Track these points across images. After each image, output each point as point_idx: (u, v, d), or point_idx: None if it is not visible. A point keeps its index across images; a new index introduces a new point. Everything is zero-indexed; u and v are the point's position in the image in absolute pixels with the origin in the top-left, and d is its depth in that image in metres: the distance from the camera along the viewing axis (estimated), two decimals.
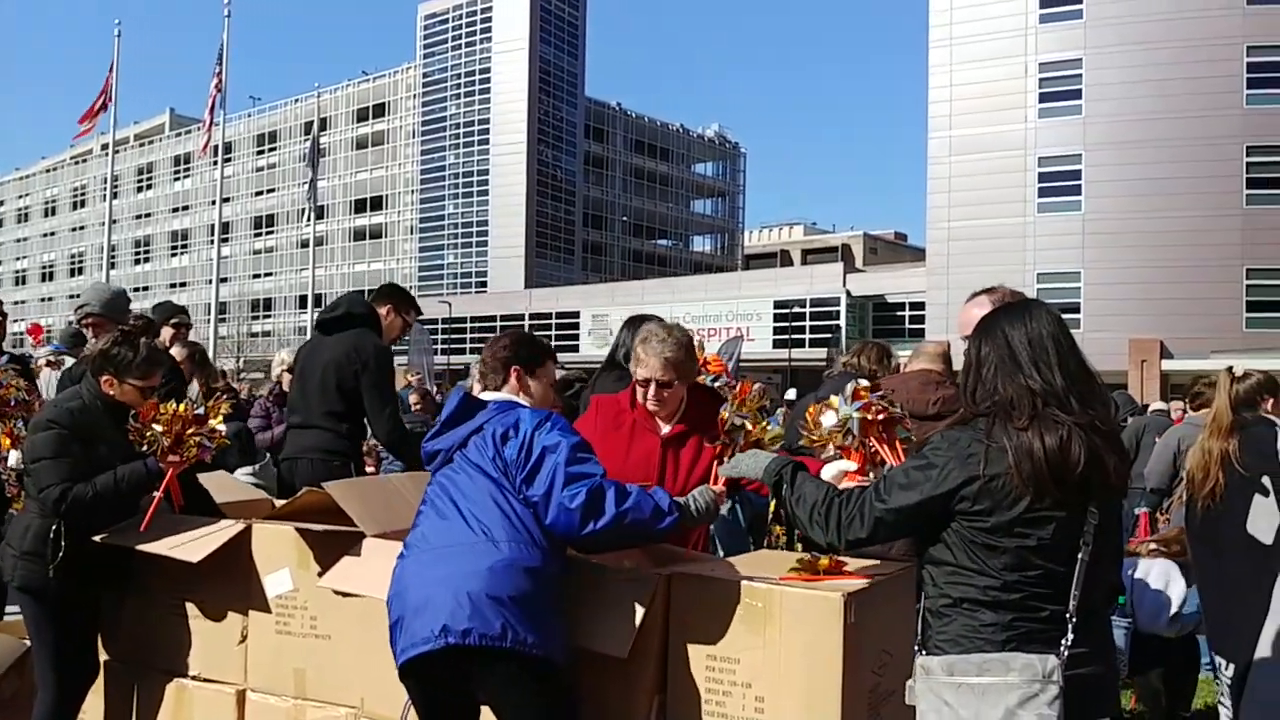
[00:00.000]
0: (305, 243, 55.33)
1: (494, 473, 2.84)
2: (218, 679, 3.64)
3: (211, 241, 49.54)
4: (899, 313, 44.43)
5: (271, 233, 73.79)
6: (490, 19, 64.64)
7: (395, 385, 5.13)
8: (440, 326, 48.01)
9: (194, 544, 3.53)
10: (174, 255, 78.56)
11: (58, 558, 3.60)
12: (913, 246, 76.13)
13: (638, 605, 2.81)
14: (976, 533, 2.23)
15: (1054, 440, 2.18)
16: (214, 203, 43.65)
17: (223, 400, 3.94)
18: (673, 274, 65.60)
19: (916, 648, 2.36)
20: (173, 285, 73.92)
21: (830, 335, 41.96)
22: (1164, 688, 5.31)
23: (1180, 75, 35.42)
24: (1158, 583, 5.02)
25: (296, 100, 72.56)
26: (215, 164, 41.18)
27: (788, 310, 42.93)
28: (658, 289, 51.43)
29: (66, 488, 3.57)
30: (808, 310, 44.32)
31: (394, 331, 5.21)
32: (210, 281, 40.44)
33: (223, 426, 3.79)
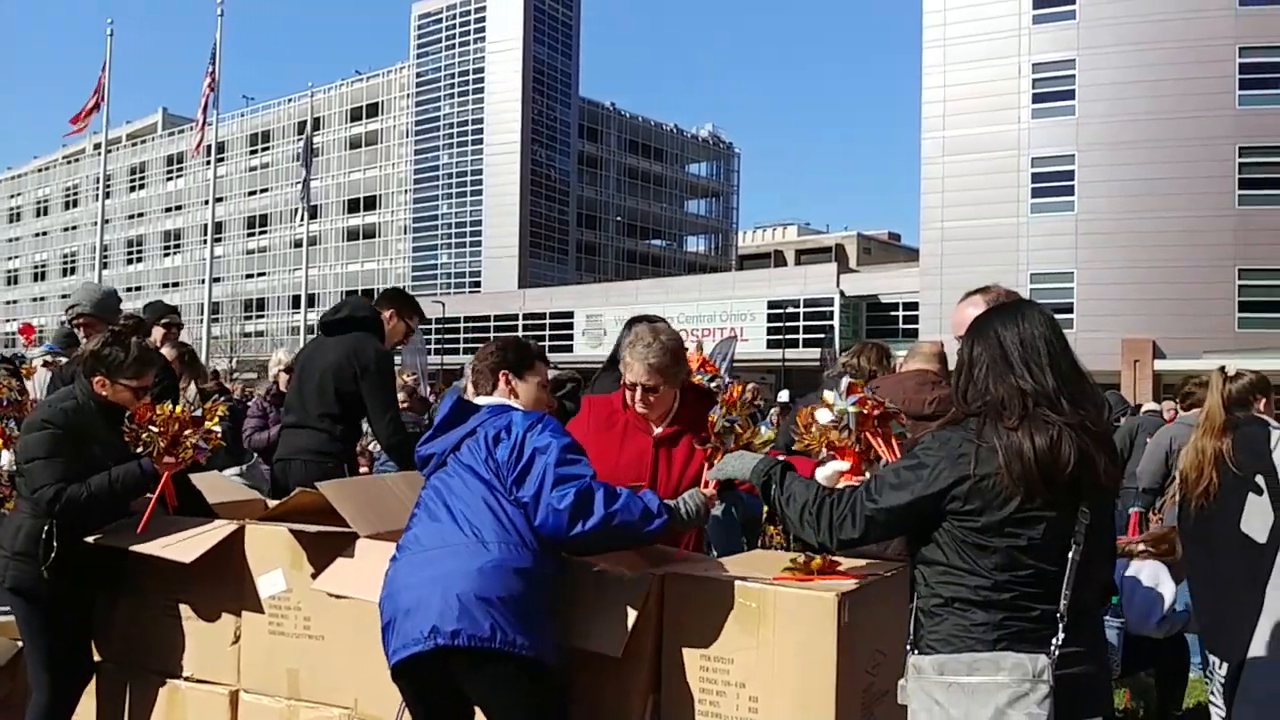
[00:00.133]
0: (298, 242, 55.29)
1: (486, 474, 2.84)
2: (211, 680, 3.63)
3: (204, 241, 49.35)
4: (892, 313, 44.49)
5: (265, 232, 73.63)
6: (484, 18, 64.54)
7: (396, 389, 5.14)
8: (434, 326, 47.92)
9: (187, 545, 3.52)
10: (167, 255, 78.33)
11: (49, 558, 3.59)
12: (906, 247, 76.21)
13: (632, 605, 2.81)
14: (967, 532, 2.24)
15: (1044, 440, 2.18)
16: (207, 202, 43.63)
17: (220, 403, 3.93)
18: (667, 274, 65.57)
19: (908, 647, 2.36)
20: (165, 285, 73.72)
21: (824, 335, 41.99)
22: (1155, 687, 5.34)
23: (1173, 76, 35.49)
24: (1148, 585, 5.04)
25: (290, 100, 72.45)
26: (208, 163, 41.12)
27: (781, 310, 42.95)
28: (652, 289, 51.42)
29: (60, 488, 3.56)
30: (801, 310, 44.35)
31: (396, 336, 5.22)
32: (203, 281, 40.36)
33: (218, 428, 3.78)
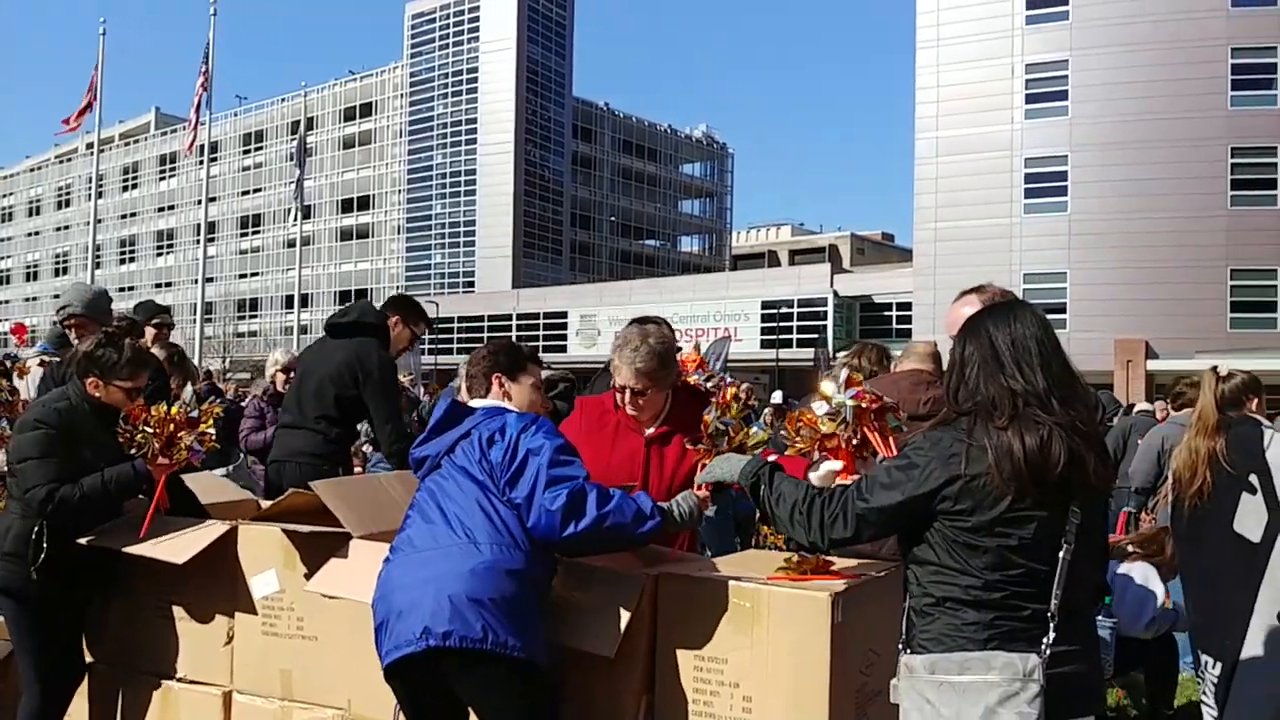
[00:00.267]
0: (292, 242, 55.23)
1: (480, 476, 2.84)
2: (204, 681, 3.63)
3: (197, 241, 49.28)
4: (886, 313, 44.53)
5: (258, 232, 73.45)
6: (478, 18, 64.46)
7: (399, 396, 5.14)
8: None
9: (180, 545, 3.51)
10: (159, 255, 78.10)
11: (39, 559, 3.58)
12: (900, 247, 76.33)
13: (625, 605, 2.81)
14: (958, 532, 2.24)
15: (1034, 440, 2.19)
16: (200, 202, 43.51)
17: (215, 405, 3.92)
18: (661, 274, 65.58)
19: (901, 646, 2.37)
20: (158, 285, 73.49)
21: (817, 336, 42.01)
22: (1145, 686, 5.35)
23: (1165, 77, 35.59)
24: (1137, 588, 5.06)
25: (283, 99, 72.25)
26: (201, 163, 41.06)
27: (775, 311, 42.94)
28: (645, 289, 51.39)
29: (53, 489, 3.55)
30: (795, 310, 44.37)
31: (401, 343, 5.23)
32: (196, 281, 40.32)
33: (212, 430, 3.77)
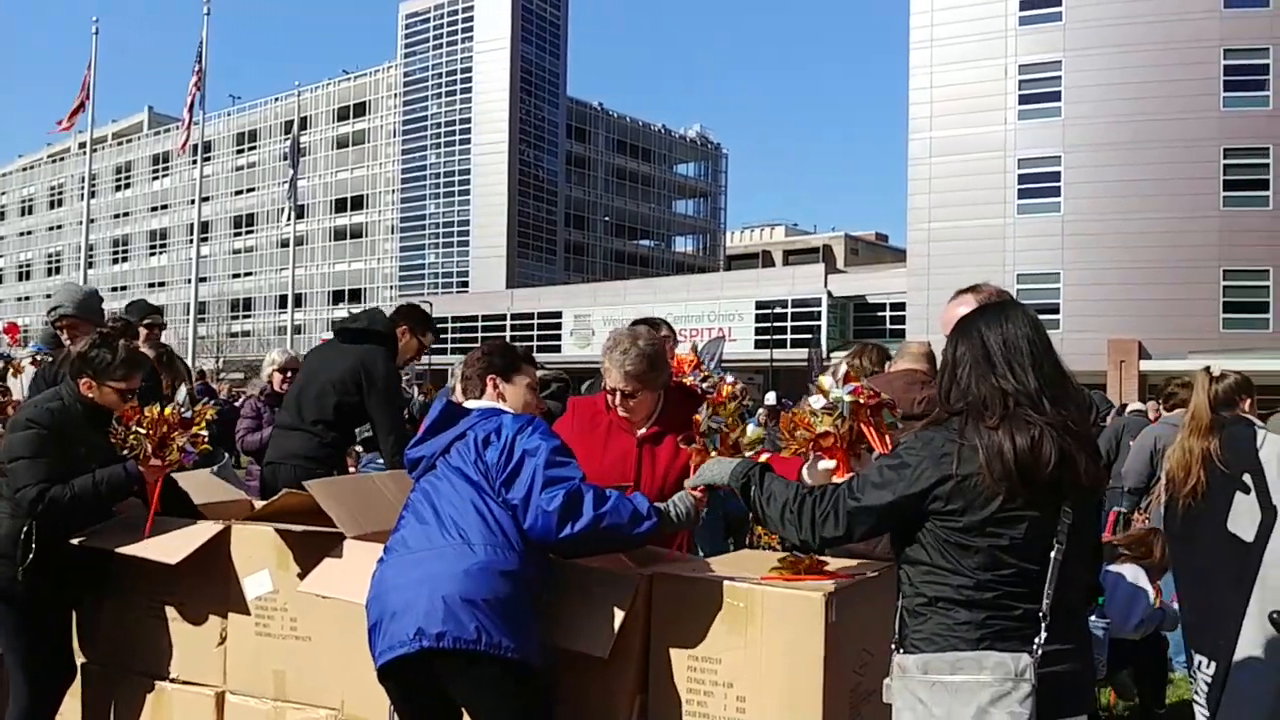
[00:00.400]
0: (285, 242, 55.03)
1: (475, 476, 2.84)
2: (197, 681, 3.62)
3: (190, 241, 49.09)
4: (880, 313, 44.57)
5: (251, 232, 73.28)
6: (471, 18, 64.38)
7: (403, 406, 5.14)
8: None
9: (172, 545, 3.50)
10: (152, 255, 77.86)
11: (27, 559, 3.56)
12: (893, 247, 76.43)
13: (619, 605, 2.81)
14: (950, 532, 2.25)
15: (1025, 440, 2.19)
16: (193, 202, 43.41)
17: (209, 406, 3.91)
18: (655, 274, 65.56)
19: (893, 646, 2.37)
20: (151, 285, 73.30)
21: (811, 336, 42.07)
22: (1136, 686, 5.37)
23: (1158, 78, 35.68)
24: (1127, 589, 5.08)
25: (276, 99, 72.06)
26: (194, 163, 40.95)
27: (769, 311, 42.93)
28: (640, 289, 51.37)
29: (44, 488, 3.53)
30: (789, 311, 44.37)
31: (409, 353, 5.24)
32: (189, 281, 40.15)
33: (205, 432, 3.76)
